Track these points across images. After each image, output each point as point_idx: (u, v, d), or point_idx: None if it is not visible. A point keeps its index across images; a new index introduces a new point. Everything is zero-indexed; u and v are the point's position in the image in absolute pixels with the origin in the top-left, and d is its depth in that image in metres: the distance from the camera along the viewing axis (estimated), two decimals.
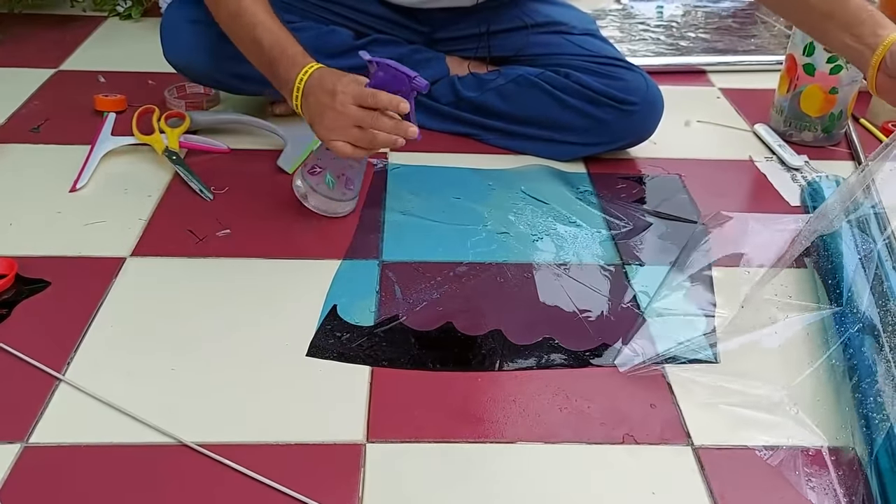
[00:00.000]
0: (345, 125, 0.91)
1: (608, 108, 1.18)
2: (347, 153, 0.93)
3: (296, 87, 0.94)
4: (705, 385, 0.82)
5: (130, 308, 0.90)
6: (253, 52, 0.99)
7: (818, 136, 1.31)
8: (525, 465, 0.73)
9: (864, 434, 0.73)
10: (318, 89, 0.92)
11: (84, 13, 1.75)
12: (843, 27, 0.92)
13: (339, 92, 0.91)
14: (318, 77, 0.93)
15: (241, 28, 0.98)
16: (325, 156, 1.00)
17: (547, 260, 1.00)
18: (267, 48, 0.96)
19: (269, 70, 0.98)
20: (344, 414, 0.77)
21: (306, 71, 0.94)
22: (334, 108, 0.91)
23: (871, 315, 0.84)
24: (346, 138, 0.92)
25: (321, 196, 1.02)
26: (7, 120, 1.29)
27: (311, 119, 0.94)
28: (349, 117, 0.91)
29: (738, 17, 1.83)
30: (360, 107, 0.91)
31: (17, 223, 1.03)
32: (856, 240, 0.95)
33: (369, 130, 0.92)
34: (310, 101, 0.93)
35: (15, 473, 0.70)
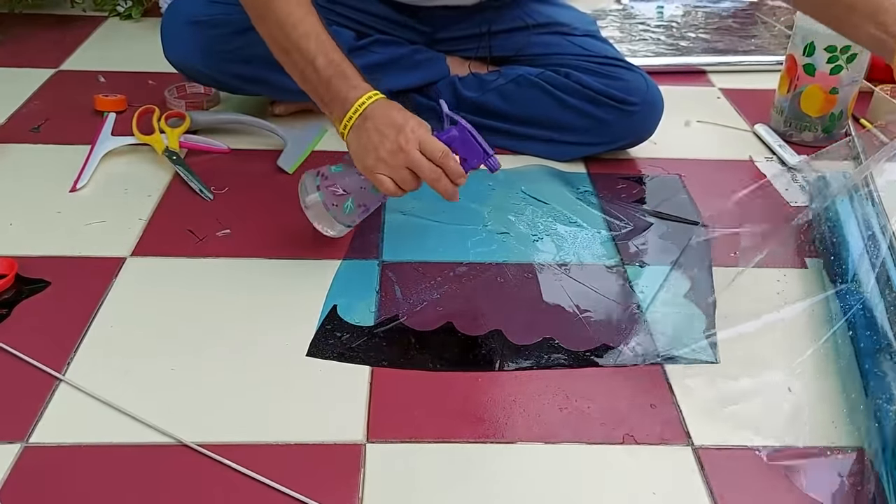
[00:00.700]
0: (398, 164, 0.86)
1: (608, 108, 1.18)
2: (389, 190, 0.88)
3: (354, 108, 0.88)
4: (705, 385, 0.82)
5: (130, 308, 0.90)
6: (299, 67, 0.92)
7: (818, 136, 1.31)
8: (525, 466, 0.73)
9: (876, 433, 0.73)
10: (382, 119, 0.87)
11: (84, 13, 1.75)
12: (867, 17, 0.91)
13: (409, 130, 0.86)
14: (384, 106, 0.88)
15: (287, 38, 0.92)
16: (356, 183, 0.92)
17: (547, 260, 1.00)
18: (321, 67, 0.90)
19: (319, 86, 0.91)
20: (344, 414, 0.77)
21: (370, 96, 0.88)
22: (397, 143, 0.85)
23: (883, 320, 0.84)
24: (393, 176, 0.87)
25: (331, 217, 0.95)
26: (7, 120, 1.29)
27: (363, 146, 0.87)
28: (408, 159, 0.85)
29: (739, 18, 1.83)
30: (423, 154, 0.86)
31: (18, 223, 1.03)
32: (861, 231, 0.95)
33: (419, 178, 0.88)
34: (367, 127, 0.87)
35: (15, 473, 0.70)
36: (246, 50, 1.15)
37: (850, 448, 0.75)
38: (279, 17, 0.91)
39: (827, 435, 0.77)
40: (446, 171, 0.87)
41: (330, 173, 0.93)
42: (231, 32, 1.15)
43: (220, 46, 1.15)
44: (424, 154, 0.86)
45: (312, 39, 0.91)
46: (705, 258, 1.00)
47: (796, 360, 0.85)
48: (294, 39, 0.91)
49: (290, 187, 1.13)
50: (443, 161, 0.86)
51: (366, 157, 0.87)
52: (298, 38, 0.91)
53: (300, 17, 0.91)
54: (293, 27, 0.91)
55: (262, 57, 1.16)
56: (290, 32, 0.91)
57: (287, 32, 0.91)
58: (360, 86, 0.90)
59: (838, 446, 0.75)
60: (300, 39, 0.91)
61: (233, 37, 1.15)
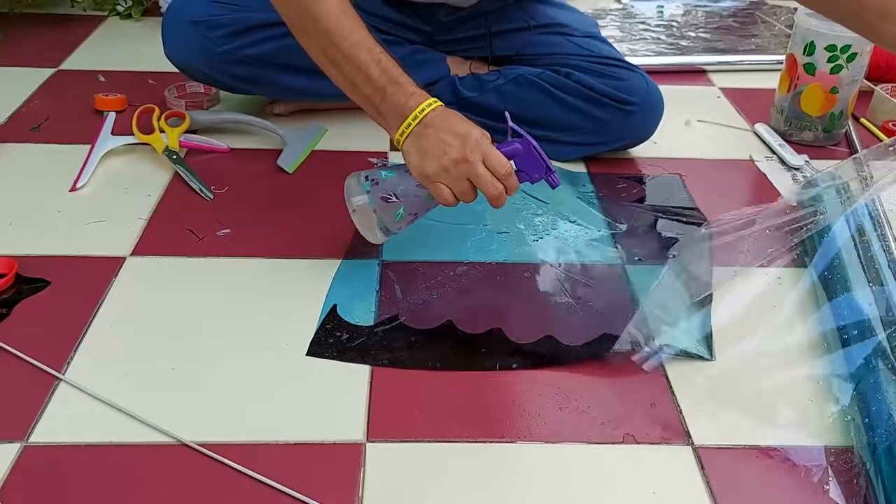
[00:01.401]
0: (460, 175, 0.85)
1: (609, 108, 1.18)
2: (447, 200, 0.86)
3: (413, 116, 0.86)
4: (706, 385, 0.82)
5: (130, 307, 0.90)
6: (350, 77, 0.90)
7: (818, 135, 1.31)
8: (525, 465, 0.73)
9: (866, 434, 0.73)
10: (445, 128, 0.85)
11: (84, 13, 1.75)
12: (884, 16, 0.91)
13: (473, 141, 0.84)
14: (445, 115, 0.87)
15: (337, 50, 0.89)
16: (410, 191, 0.90)
17: (547, 259, 1.00)
18: (375, 76, 0.88)
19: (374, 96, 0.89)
20: (344, 413, 0.77)
21: (430, 104, 0.87)
22: (462, 153, 0.84)
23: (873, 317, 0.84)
24: (452, 186, 0.86)
25: (377, 222, 0.92)
26: (7, 119, 1.29)
27: (423, 154, 0.86)
28: (471, 171, 0.84)
29: (739, 17, 1.83)
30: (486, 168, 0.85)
31: (17, 222, 1.03)
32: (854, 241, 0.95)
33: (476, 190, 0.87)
34: (427, 135, 0.85)
35: (15, 473, 0.70)
36: (246, 50, 1.15)
37: (844, 447, 0.75)
38: (328, 29, 0.89)
39: (824, 434, 0.77)
40: (507, 187, 0.86)
41: (381, 179, 0.91)
42: (231, 32, 1.15)
43: (220, 46, 1.15)
44: (488, 168, 0.85)
45: (364, 50, 0.89)
46: (704, 256, 1.00)
47: (794, 359, 0.85)
48: (345, 51, 0.89)
49: (291, 187, 1.14)
50: (505, 178, 0.85)
51: (426, 165, 0.86)
52: (350, 48, 0.89)
53: (350, 29, 0.89)
54: (343, 38, 0.89)
55: (261, 57, 1.17)
56: (340, 44, 0.89)
57: (337, 44, 0.89)
58: (417, 93, 0.88)
59: (834, 445, 0.75)
60: (351, 50, 0.89)
61: (233, 37, 1.15)
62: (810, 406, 0.80)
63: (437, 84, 1.27)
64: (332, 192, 1.12)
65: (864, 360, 0.80)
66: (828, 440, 0.76)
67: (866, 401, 0.76)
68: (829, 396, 0.81)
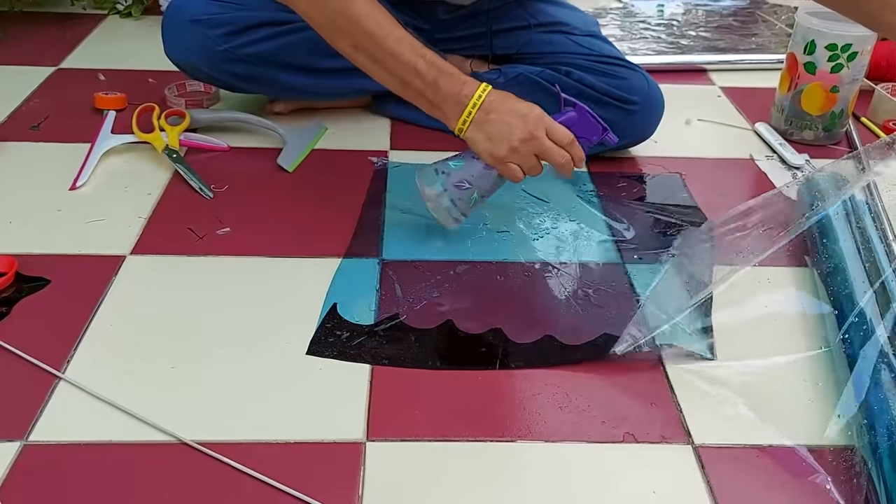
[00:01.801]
0: (529, 152, 0.91)
1: (609, 107, 1.17)
2: (518, 178, 0.93)
3: (472, 103, 0.90)
4: (706, 384, 0.82)
5: (130, 306, 0.90)
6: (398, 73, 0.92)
7: (819, 134, 1.30)
8: (525, 464, 0.73)
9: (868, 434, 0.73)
10: (508, 111, 0.90)
11: (84, 11, 1.75)
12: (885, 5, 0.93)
13: (536, 118, 0.90)
14: (502, 97, 0.91)
15: (381, 49, 0.91)
16: (479, 174, 0.95)
17: (547, 259, 1.00)
18: (423, 71, 0.91)
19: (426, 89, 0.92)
20: (344, 412, 0.77)
21: (485, 89, 0.91)
22: (528, 131, 0.89)
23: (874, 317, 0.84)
24: (522, 163, 0.91)
25: (451, 210, 0.97)
26: (7, 118, 1.29)
27: (491, 138, 0.90)
28: (539, 146, 0.90)
29: (739, 16, 1.83)
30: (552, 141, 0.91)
31: (17, 221, 1.03)
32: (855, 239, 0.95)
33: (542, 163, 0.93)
34: (491, 120, 0.90)
35: (14, 471, 0.70)
36: (246, 49, 1.15)
37: (846, 447, 0.75)
38: (369, 29, 0.91)
39: (825, 434, 0.77)
40: (572, 155, 0.92)
41: (451, 170, 0.96)
42: (231, 31, 1.15)
43: (220, 45, 1.15)
44: (553, 140, 0.91)
45: (407, 46, 0.91)
46: (704, 254, 1.00)
47: (794, 358, 0.85)
48: (389, 49, 0.91)
49: (291, 186, 1.13)
50: (570, 147, 0.92)
51: (497, 147, 0.91)
52: (394, 46, 0.91)
53: (390, 27, 0.92)
54: (386, 37, 0.91)
55: (261, 55, 1.17)
56: (383, 42, 0.91)
57: (379, 43, 0.91)
58: (469, 80, 0.92)
59: (834, 445, 0.75)
60: (396, 47, 0.91)
61: (233, 35, 1.15)
62: (811, 406, 0.80)
63: None
64: (333, 191, 1.12)
65: (865, 360, 0.80)
66: (828, 440, 0.76)
67: (868, 401, 0.76)
68: (830, 396, 0.81)
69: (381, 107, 1.32)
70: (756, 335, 0.88)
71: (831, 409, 0.79)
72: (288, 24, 1.17)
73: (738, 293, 0.94)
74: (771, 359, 0.85)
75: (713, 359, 0.85)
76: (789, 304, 0.93)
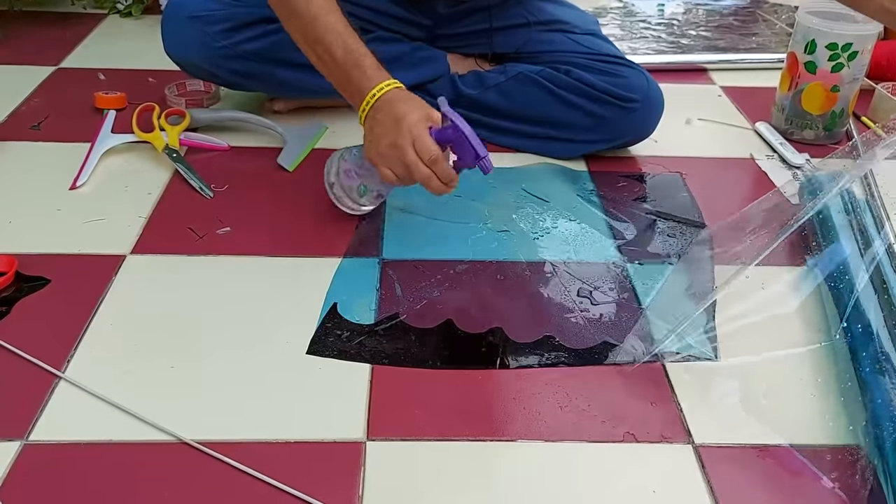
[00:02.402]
0: (397, 158, 0.89)
1: (609, 106, 1.18)
2: (391, 180, 0.92)
3: (366, 100, 0.91)
4: (706, 383, 0.82)
5: (130, 306, 0.90)
6: (324, 60, 0.95)
7: (819, 134, 1.30)
8: (525, 464, 0.73)
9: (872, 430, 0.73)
10: (388, 112, 0.89)
11: (84, 10, 1.75)
12: None
13: (405, 128, 0.88)
14: (392, 98, 0.90)
15: (313, 32, 0.94)
16: (366, 169, 0.97)
17: (547, 258, 1.00)
18: (340, 59, 0.92)
19: (342, 78, 0.94)
20: (344, 412, 0.77)
21: (381, 87, 0.91)
22: (394, 139, 0.88)
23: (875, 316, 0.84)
24: (393, 169, 0.90)
25: (345, 197, 1.00)
26: (7, 117, 1.29)
27: (370, 136, 0.92)
28: (402, 157, 0.88)
29: (740, 15, 1.83)
30: (416, 153, 0.88)
31: (17, 220, 1.03)
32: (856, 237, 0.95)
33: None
34: (376, 119, 0.90)
35: (14, 471, 0.70)
36: (244, 45, 1.15)
37: (848, 445, 0.75)
38: (303, 11, 0.94)
39: (826, 432, 0.77)
40: (436, 173, 0.89)
41: (350, 156, 0.98)
42: (230, 28, 1.15)
43: (219, 42, 1.15)
44: (416, 152, 0.88)
45: (332, 32, 0.93)
46: (706, 255, 1.00)
47: (795, 357, 0.85)
48: (319, 33, 0.94)
49: (291, 185, 1.13)
50: (432, 164, 0.88)
51: (370, 148, 0.92)
52: (323, 31, 0.93)
53: (324, 12, 0.94)
54: (315, 20, 0.94)
55: (260, 52, 1.17)
56: (314, 26, 0.94)
57: (311, 26, 0.94)
58: (374, 76, 0.92)
59: (837, 444, 0.75)
60: (324, 33, 0.93)
61: (231, 32, 1.15)
62: (812, 405, 0.80)
63: (437, 81, 1.27)
64: None
65: (867, 359, 0.80)
66: (829, 439, 0.76)
67: (871, 398, 0.76)
68: (831, 394, 0.81)
69: None
70: (756, 335, 0.88)
71: (833, 407, 0.79)
72: None
73: (739, 293, 0.94)
74: (771, 358, 0.85)
75: (717, 359, 0.85)
76: (790, 303, 0.93)
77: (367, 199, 1.00)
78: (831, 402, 0.80)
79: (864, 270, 0.90)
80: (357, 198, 0.99)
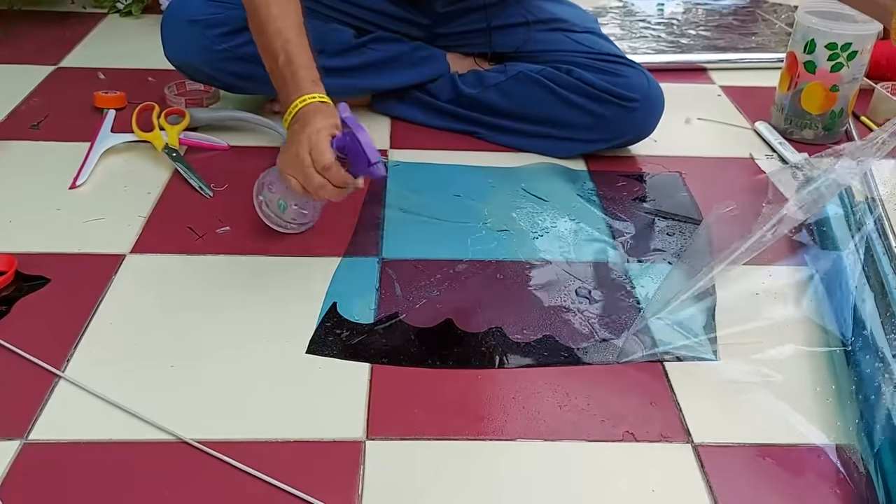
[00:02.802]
0: (297, 166, 0.88)
1: (609, 105, 1.18)
2: (297, 190, 0.90)
3: (289, 111, 0.92)
4: (705, 383, 0.82)
5: (130, 305, 0.90)
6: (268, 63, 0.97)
7: (819, 133, 1.30)
8: (524, 463, 0.73)
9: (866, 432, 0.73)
10: (300, 123, 0.90)
11: (84, 10, 1.75)
12: None
13: (306, 137, 0.88)
14: (307, 111, 0.91)
15: (265, 37, 0.96)
16: (279, 182, 0.96)
17: (547, 258, 1.00)
18: (281, 65, 0.93)
19: (280, 85, 0.95)
20: (343, 411, 0.77)
21: (304, 100, 0.91)
22: (297, 148, 0.88)
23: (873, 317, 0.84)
24: (295, 177, 0.89)
25: (269, 213, 0.99)
26: (7, 117, 1.29)
27: (284, 147, 0.92)
28: (301, 163, 0.88)
29: (739, 15, 1.83)
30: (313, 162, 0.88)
31: (17, 220, 1.03)
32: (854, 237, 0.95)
33: None
34: (293, 129, 0.91)
35: (14, 470, 0.70)
36: (244, 48, 1.15)
37: (844, 445, 0.75)
38: (262, 13, 0.95)
39: (825, 432, 0.77)
40: (330, 180, 0.88)
41: (273, 170, 0.97)
42: (229, 31, 1.15)
43: (219, 45, 1.15)
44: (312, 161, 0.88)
45: (280, 38, 0.94)
46: (706, 255, 1.00)
47: (794, 357, 0.85)
48: (269, 37, 0.95)
49: None
50: (324, 171, 0.88)
51: (280, 159, 0.92)
52: (273, 35, 0.95)
53: (276, 15, 0.95)
54: (267, 22, 0.95)
55: (258, 55, 1.16)
56: (265, 29, 0.95)
57: (264, 28, 0.96)
58: (301, 88, 0.92)
59: (834, 444, 0.75)
60: (273, 37, 0.95)
61: (231, 36, 1.15)
62: (810, 405, 0.80)
63: (437, 81, 1.27)
64: None
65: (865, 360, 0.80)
66: (828, 439, 0.76)
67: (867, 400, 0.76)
68: (829, 394, 0.81)
69: (381, 106, 1.32)
70: (755, 334, 0.88)
71: (832, 406, 0.79)
72: None
73: (739, 293, 0.94)
74: (771, 358, 0.85)
75: (716, 360, 0.85)
76: (792, 304, 0.93)
77: (290, 216, 0.99)
78: (831, 402, 0.80)
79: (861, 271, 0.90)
80: (280, 213, 0.98)
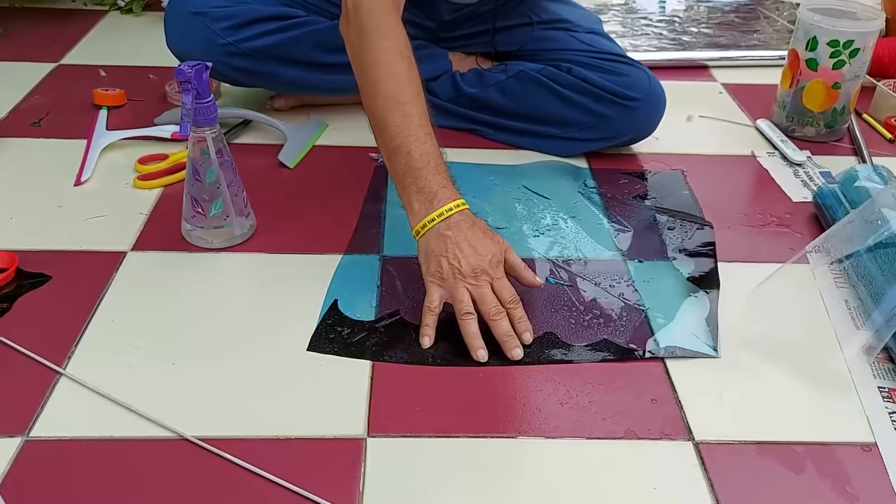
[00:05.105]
0: (463, 293, 0.84)
1: (610, 104, 1.17)
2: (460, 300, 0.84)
3: (439, 212, 0.86)
4: (707, 380, 0.82)
5: (131, 302, 0.90)
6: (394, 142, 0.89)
7: (821, 131, 1.30)
8: (526, 460, 0.73)
9: None
10: (466, 240, 0.85)
11: (85, 7, 1.75)
12: None
13: (488, 264, 0.84)
14: (469, 223, 0.86)
15: (390, 114, 0.88)
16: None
17: (548, 255, 1.00)
18: (417, 154, 0.87)
19: (408, 172, 0.87)
20: (345, 409, 0.77)
21: (458, 205, 0.86)
22: (475, 270, 0.84)
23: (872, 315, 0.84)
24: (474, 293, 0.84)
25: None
26: (8, 114, 1.29)
27: (436, 254, 0.85)
28: (477, 291, 0.84)
29: (741, 13, 1.83)
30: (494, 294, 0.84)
31: (18, 217, 1.03)
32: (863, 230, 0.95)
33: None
34: (448, 237, 0.85)
35: (16, 467, 0.70)
36: (248, 43, 1.15)
37: (849, 443, 0.75)
38: (387, 91, 0.89)
39: (827, 430, 0.77)
40: (511, 317, 0.85)
41: None
42: (233, 25, 1.15)
43: (223, 38, 1.15)
44: (495, 291, 0.85)
45: (415, 121, 0.88)
46: (708, 253, 1.00)
47: (796, 355, 0.85)
48: (397, 119, 0.88)
49: (291, 182, 1.14)
50: (508, 307, 0.85)
51: (434, 263, 0.85)
52: (402, 117, 0.88)
53: (408, 98, 0.89)
54: (398, 104, 0.89)
55: (263, 50, 1.16)
56: (394, 110, 0.89)
57: (392, 108, 0.89)
58: (449, 186, 0.88)
59: (838, 442, 0.75)
60: (404, 120, 0.88)
61: (235, 29, 1.15)
62: (812, 403, 0.80)
63: (438, 79, 1.27)
64: (333, 187, 1.12)
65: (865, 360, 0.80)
66: (830, 436, 0.76)
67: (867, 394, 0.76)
68: (832, 393, 0.81)
69: None
70: (758, 332, 0.88)
71: (834, 405, 0.79)
72: (291, 19, 1.17)
73: (742, 291, 0.94)
74: (773, 355, 0.85)
75: (718, 357, 0.85)
76: (793, 302, 0.93)
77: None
78: (832, 401, 0.80)
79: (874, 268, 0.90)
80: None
